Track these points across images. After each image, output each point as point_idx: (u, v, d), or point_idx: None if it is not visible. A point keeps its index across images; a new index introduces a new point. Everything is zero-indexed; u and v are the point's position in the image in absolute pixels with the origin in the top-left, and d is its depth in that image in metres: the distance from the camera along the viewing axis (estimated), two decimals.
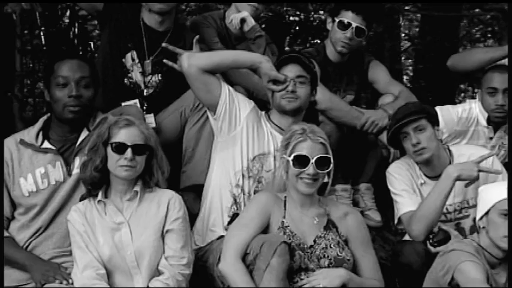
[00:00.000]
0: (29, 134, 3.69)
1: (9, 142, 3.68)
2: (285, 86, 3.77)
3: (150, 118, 4.20)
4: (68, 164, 3.64)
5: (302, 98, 3.81)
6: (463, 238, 3.82)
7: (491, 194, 3.50)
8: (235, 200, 3.77)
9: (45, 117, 3.77)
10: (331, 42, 4.70)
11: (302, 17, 8.13)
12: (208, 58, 3.83)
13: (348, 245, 3.57)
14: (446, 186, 3.79)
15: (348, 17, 4.57)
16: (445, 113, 4.46)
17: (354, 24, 4.56)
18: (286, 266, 3.31)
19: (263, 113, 3.93)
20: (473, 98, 5.99)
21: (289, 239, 3.43)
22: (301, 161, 3.49)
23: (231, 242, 3.42)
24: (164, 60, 4.13)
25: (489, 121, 4.52)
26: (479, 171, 3.81)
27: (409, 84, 8.57)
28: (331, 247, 3.50)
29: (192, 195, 4.06)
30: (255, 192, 3.76)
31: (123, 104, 4.20)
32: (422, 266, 3.66)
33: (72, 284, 3.37)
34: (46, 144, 3.66)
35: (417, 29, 9.30)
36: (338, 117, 4.46)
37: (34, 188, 3.62)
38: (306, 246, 3.48)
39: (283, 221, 3.51)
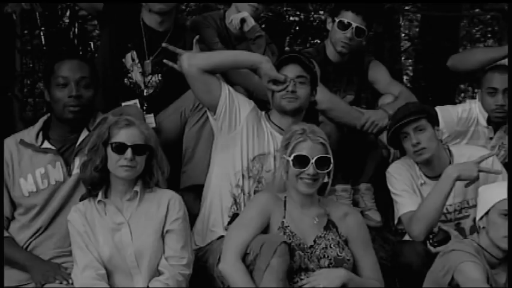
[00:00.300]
0: (29, 134, 3.68)
1: (9, 142, 3.68)
2: (285, 86, 3.77)
3: (150, 118, 4.20)
4: (68, 164, 3.63)
5: (302, 98, 3.80)
6: (463, 238, 3.82)
7: (491, 194, 3.50)
8: (235, 200, 3.77)
9: (45, 117, 3.76)
10: (331, 42, 4.70)
11: (302, 17, 8.14)
12: (208, 58, 3.83)
13: (348, 245, 3.57)
14: (446, 186, 3.79)
15: (348, 17, 4.57)
16: (445, 113, 4.45)
17: (354, 24, 4.56)
18: (286, 266, 3.31)
19: (263, 113, 3.93)
20: (473, 98, 6.00)
21: (289, 239, 3.43)
22: (301, 161, 3.49)
23: (231, 242, 3.42)
24: (164, 60, 4.13)
25: (489, 121, 4.51)
26: (479, 171, 3.81)
27: (409, 84, 8.58)
28: (331, 247, 3.50)
29: (192, 195, 4.06)
30: (255, 192, 3.76)
31: (123, 104, 4.20)
32: (422, 266, 3.66)
33: (72, 284, 3.37)
34: (46, 144, 3.65)
35: (417, 29, 9.31)
36: (338, 118, 4.45)
37: (34, 188, 3.61)
38: (306, 247, 3.48)
39: (283, 221, 3.51)
